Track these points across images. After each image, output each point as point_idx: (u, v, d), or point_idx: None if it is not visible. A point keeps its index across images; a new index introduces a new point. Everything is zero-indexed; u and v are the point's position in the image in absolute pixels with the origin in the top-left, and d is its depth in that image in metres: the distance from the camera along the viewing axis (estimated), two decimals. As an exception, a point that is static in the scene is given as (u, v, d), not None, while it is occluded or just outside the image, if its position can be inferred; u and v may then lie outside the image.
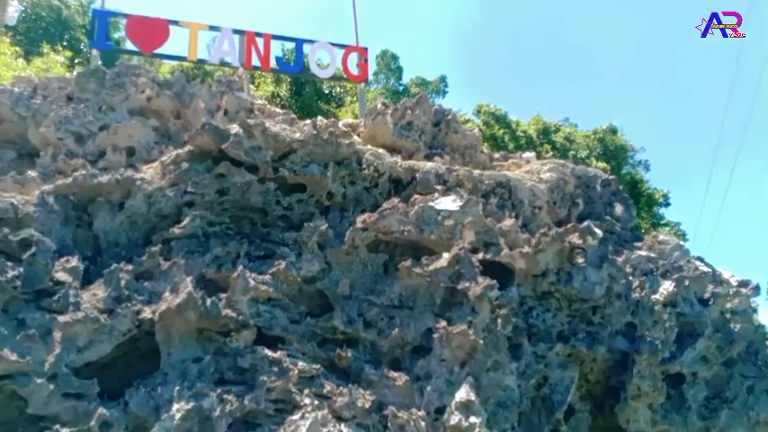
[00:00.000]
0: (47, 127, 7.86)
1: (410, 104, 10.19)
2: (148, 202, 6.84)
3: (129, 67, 8.94)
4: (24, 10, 24.42)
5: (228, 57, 12.86)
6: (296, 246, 7.12)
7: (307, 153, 7.80)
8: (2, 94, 8.18)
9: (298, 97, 28.46)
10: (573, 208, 9.21)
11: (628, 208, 9.79)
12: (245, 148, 7.34)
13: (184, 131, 8.94)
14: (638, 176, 25.49)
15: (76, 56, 23.42)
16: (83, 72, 8.85)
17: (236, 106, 9.32)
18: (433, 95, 31.78)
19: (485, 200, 8.42)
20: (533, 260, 7.43)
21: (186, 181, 7.02)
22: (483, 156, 10.52)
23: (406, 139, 9.74)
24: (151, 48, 12.16)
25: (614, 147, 24.91)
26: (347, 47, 13.75)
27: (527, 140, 24.41)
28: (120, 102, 8.54)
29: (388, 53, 31.72)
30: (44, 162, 7.62)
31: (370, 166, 8.24)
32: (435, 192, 8.11)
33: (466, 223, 7.53)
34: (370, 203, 8.00)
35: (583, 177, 9.66)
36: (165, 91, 8.84)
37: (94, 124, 8.17)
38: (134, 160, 8.11)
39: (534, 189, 8.83)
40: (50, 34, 24.17)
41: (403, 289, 7.04)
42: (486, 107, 26.41)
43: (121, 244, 6.68)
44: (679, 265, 8.67)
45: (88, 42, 13.34)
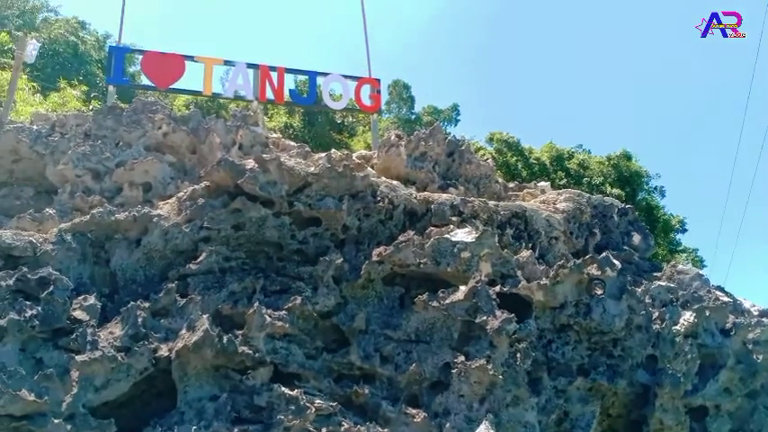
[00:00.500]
0: (64, 164, 7.95)
1: (423, 136, 10.22)
2: (165, 239, 6.86)
3: (145, 103, 9.05)
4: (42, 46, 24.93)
5: (243, 90, 13.04)
6: (311, 280, 7.09)
7: (321, 186, 7.81)
8: (21, 133, 8.30)
9: (311, 128, 28.71)
10: (590, 238, 9.14)
11: (645, 237, 9.69)
12: (260, 183, 7.37)
13: (200, 166, 9.01)
14: (654, 202, 25.32)
15: (92, 90, 23.84)
16: (100, 109, 8.98)
17: (252, 140, 9.39)
18: (446, 124, 31.93)
19: (500, 231, 8.39)
20: (551, 292, 7.34)
21: (202, 216, 7.04)
22: (497, 186, 10.50)
23: (420, 171, 9.74)
24: (167, 83, 12.34)
25: (629, 173, 24.79)
26: (360, 79, 13.89)
27: (540, 168, 24.37)
28: (137, 138, 8.64)
29: (400, 83, 31.98)
30: (62, 199, 7.69)
31: (384, 198, 8.23)
32: (451, 223, 8.08)
33: (482, 255, 7.48)
34: (385, 236, 7.97)
35: (599, 207, 9.59)
36: (180, 127, 8.93)
37: (111, 161, 8.26)
38: (150, 196, 8.17)
39: (550, 219, 8.77)
40: (67, 69, 24.62)
41: (420, 323, 6.98)
42: (499, 135, 26.46)
43: (138, 281, 6.69)
44: (699, 295, 8.54)
45: (105, 78, 13.51)
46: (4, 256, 6.15)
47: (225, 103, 23.41)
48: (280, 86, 13.21)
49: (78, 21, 27.36)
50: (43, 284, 5.83)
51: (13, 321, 5.47)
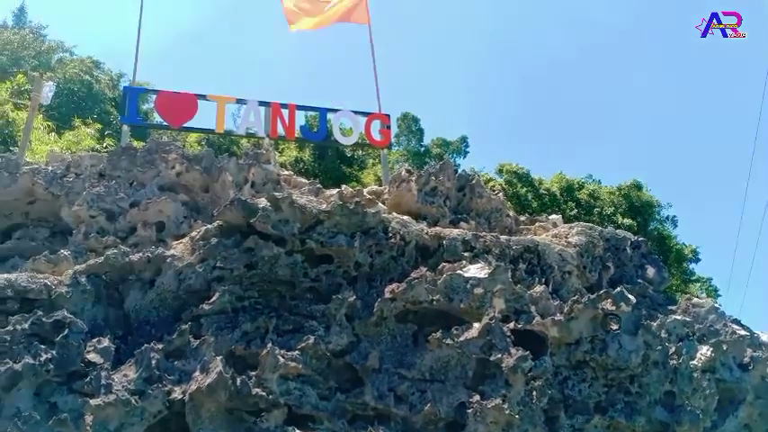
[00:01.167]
0: (79, 205, 8.04)
1: (434, 170, 10.27)
2: (178, 279, 6.89)
3: (159, 143, 9.18)
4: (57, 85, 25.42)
5: (255, 127, 13.19)
6: (324, 318, 7.07)
7: (333, 224, 7.84)
8: (36, 175, 8.43)
9: (321, 161, 28.97)
10: (604, 272, 9.09)
11: (660, 270, 9.62)
12: (272, 222, 7.41)
13: (213, 204, 9.10)
14: (666, 232, 25.23)
15: (106, 128, 24.23)
16: (115, 150, 9.12)
17: (264, 178, 9.48)
18: (455, 155, 32.12)
19: (513, 266, 8.35)
20: (566, 328, 7.27)
21: (215, 256, 7.08)
22: (509, 219, 10.50)
23: (431, 206, 9.78)
24: (180, 122, 12.52)
25: (640, 203, 24.76)
26: (370, 114, 14.01)
27: (551, 199, 24.40)
28: (151, 178, 8.75)
29: (409, 115, 32.29)
30: (76, 240, 7.76)
31: (396, 234, 8.25)
32: (463, 259, 8.07)
33: (495, 291, 7.45)
34: (397, 272, 7.96)
35: (612, 240, 9.55)
36: (194, 166, 9.03)
37: (125, 201, 8.35)
38: (164, 235, 8.24)
39: (563, 254, 8.74)
40: (81, 108, 25.10)
41: (434, 361, 6.93)
42: (509, 166, 26.58)
43: (152, 322, 6.71)
44: (715, 328, 8.44)
45: (119, 118, 13.75)
46: (19, 299, 6.20)
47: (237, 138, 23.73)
48: (291, 123, 13.36)
49: (93, 60, 27.94)
50: (58, 328, 5.86)
51: (28, 366, 5.48)
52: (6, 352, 5.66)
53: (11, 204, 8.41)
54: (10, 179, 8.25)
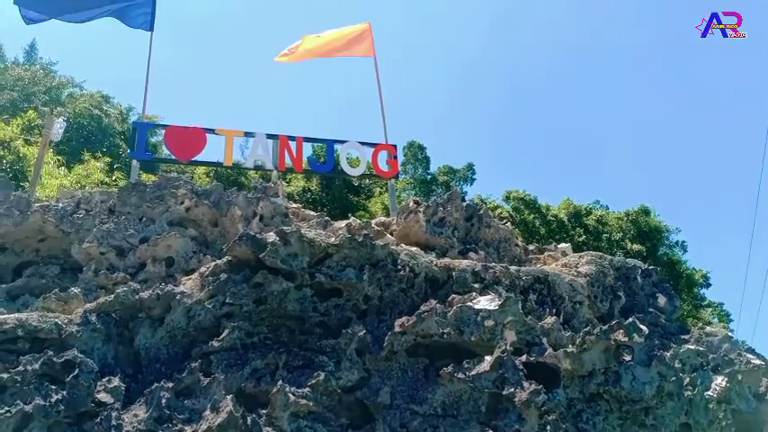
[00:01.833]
0: (89, 243, 8.08)
1: (441, 201, 10.28)
2: (188, 316, 6.88)
3: (168, 179, 9.24)
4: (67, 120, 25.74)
5: (263, 160, 13.26)
6: (334, 353, 7.02)
7: (342, 257, 7.83)
8: (47, 212, 8.49)
9: (328, 191, 29.10)
10: (615, 301, 9.03)
11: (671, 299, 9.55)
12: (281, 256, 7.41)
13: (222, 239, 9.13)
14: (676, 257, 25.08)
15: (115, 161, 24.45)
16: (125, 186, 9.18)
17: (272, 211, 9.51)
18: (461, 183, 32.19)
19: (523, 297, 8.31)
20: (579, 360, 7.20)
21: (224, 292, 7.07)
22: (518, 249, 10.47)
23: (440, 236, 9.77)
24: (189, 156, 12.62)
25: (648, 228, 24.69)
26: (377, 145, 14.08)
27: (558, 225, 24.36)
28: (160, 213, 8.79)
29: (416, 144, 32.47)
30: (86, 277, 7.78)
31: (405, 266, 8.23)
32: (473, 290, 8.04)
33: (506, 323, 7.40)
34: (407, 305, 7.93)
35: (622, 269, 9.51)
36: (203, 200, 9.07)
37: (135, 237, 8.38)
38: (173, 270, 8.25)
39: (573, 284, 8.70)
40: (91, 142, 25.37)
41: (446, 396, 6.85)
42: (516, 192, 26.61)
43: (161, 359, 6.68)
44: (730, 358, 8.34)
45: (129, 153, 13.87)
46: (30, 339, 6.19)
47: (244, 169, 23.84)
48: (298, 155, 13.44)
49: (102, 95, 28.31)
50: (68, 368, 5.84)
51: (38, 407, 5.46)
52: (17, 393, 5.64)
53: (22, 242, 8.47)
54: (21, 217, 8.31)
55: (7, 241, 8.41)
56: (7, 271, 8.41)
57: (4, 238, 8.38)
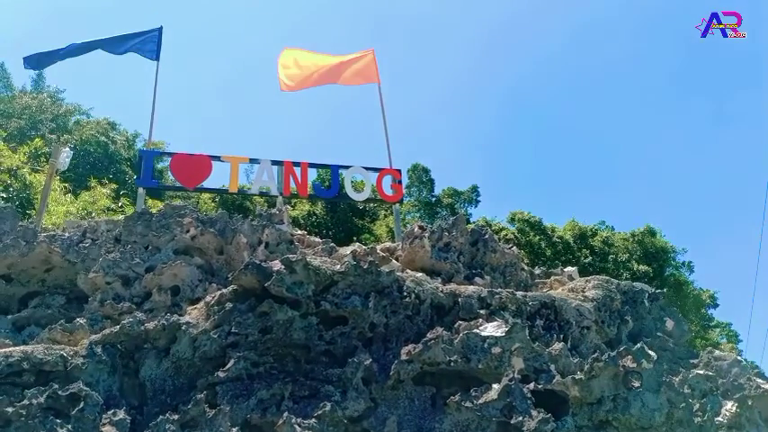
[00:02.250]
0: (95, 272, 8.09)
1: (447, 226, 10.28)
2: (193, 346, 6.86)
3: (174, 208, 9.27)
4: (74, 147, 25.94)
5: (267, 186, 13.30)
6: (340, 383, 6.98)
7: (347, 284, 7.82)
8: (54, 242, 8.51)
9: (333, 214, 29.15)
10: (622, 326, 8.97)
11: (679, 323, 9.49)
12: (287, 285, 7.40)
13: (227, 266, 9.13)
14: (683, 278, 24.94)
15: (121, 187, 24.57)
16: (130, 216, 9.20)
17: (277, 239, 9.50)
18: (466, 205, 32.20)
19: (530, 322, 8.27)
20: (587, 387, 7.14)
21: (230, 322, 7.06)
22: (524, 273, 10.43)
23: (445, 262, 9.75)
24: (194, 183, 12.70)
25: (654, 249, 24.59)
26: (381, 170, 14.12)
27: (564, 247, 24.29)
28: (166, 242, 8.81)
29: (420, 166, 32.55)
30: (92, 307, 7.78)
31: (411, 293, 8.21)
32: (479, 317, 8.01)
33: (514, 350, 7.36)
34: (413, 332, 7.89)
35: (629, 293, 9.46)
36: (208, 229, 9.09)
37: (141, 266, 8.39)
38: (179, 299, 8.24)
39: (581, 309, 8.65)
40: (97, 168, 25.55)
41: (453, 425, 6.80)
42: (521, 214, 26.59)
43: (167, 390, 6.65)
44: (739, 383, 8.26)
45: (135, 181, 13.95)
46: (35, 372, 6.17)
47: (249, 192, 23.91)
48: (303, 181, 13.50)
49: (109, 122, 28.55)
50: (74, 401, 5.82)
51: (43, 441, 5.44)
52: (22, 427, 5.63)
53: (28, 272, 8.48)
54: (27, 248, 8.33)
55: (13, 272, 8.42)
56: (13, 301, 8.42)
57: (10, 269, 8.40)
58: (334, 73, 14.98)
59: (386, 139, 14.67)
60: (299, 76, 15.00)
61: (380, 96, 15.03)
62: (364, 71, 14.96)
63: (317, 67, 14.96)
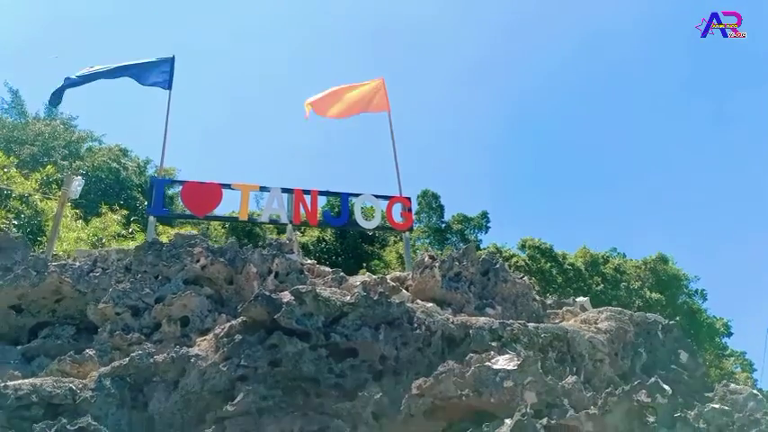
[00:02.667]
0: (105, 303, 8.08)
1: (457, 255, 10.25)
2: (202, 379, 6.81)
3: (185, 237, 9.28)
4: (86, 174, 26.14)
5: (278, 214, 13.31)
6: (350, 417, 6.90)
7: (358, 316, 7.77)
8: (64, 272, 8.53)
9: (342, 240, 29.12)
10: (636, 358, 8.85)
11: (693, 355, 9.35)
12: (296, 317, 7.37)
13: (237, 296, 9.10)
14: (696, 306, 24.66)
15: (132, 213, 24.67)
16: (141, 245, 9.21)
17: (287, 268, 9.48)
18: (476, 231, 32.12)
19: (543, 354, 8.17)
20: (601, 423, 7.00)
21: (239, 354, 7.01)
22: (535, 304, 10.34)
23: (456, 292, 9.70)
24: (205, 211, 12.74)
25: (667, 276, 24.36)
26: (391, 198, 14.11)
27: (575, 274, 24.12)
28: (176, 272, 8.80)
29: (429, 192, 32.55)
30: (101, 338, 7.75)
31: (421, 324, 8.14)
32: (491, 349, 7.92)
33: (526, 384, 7.24)
34: (423, 365, 7.81)
35: (642, 324, 9.35)
36: (218, 258, 9.09)
37: (151, 296, 8.38)
38: (188, 330, 8.21)
39: (593, 341, 8.54)
40: (109, 195, 25.66)
41: (465, 461, 6.68)
42: (531, 241, 26.47)
43: (175, 425, 6.59)
44: (756, 417, 8.06)
45: (146, 210, 14.00)
46: (44, 405, 6.15)
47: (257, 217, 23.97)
48: (313, 209, 13.50)
49: (120, 148, 28.76)
50: (82, 435, 5.77)
51: (50, 477, 5.39)
52: (30, 462, 5.58)
53: (38, 303, 8.49)
54: (38, 278, 8.35)
55: (24, 302, 8.43)
56: (23, 332, 8.41)
57: (20, 299, 8.41)
58: (350, 106, 15.10)
59: (396, 166, 14.71)
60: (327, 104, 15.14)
61: (390, 124, 15.11)
62: (375, 100, 15.06)
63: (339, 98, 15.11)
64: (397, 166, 14.72)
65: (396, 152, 14.85)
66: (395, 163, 14.77)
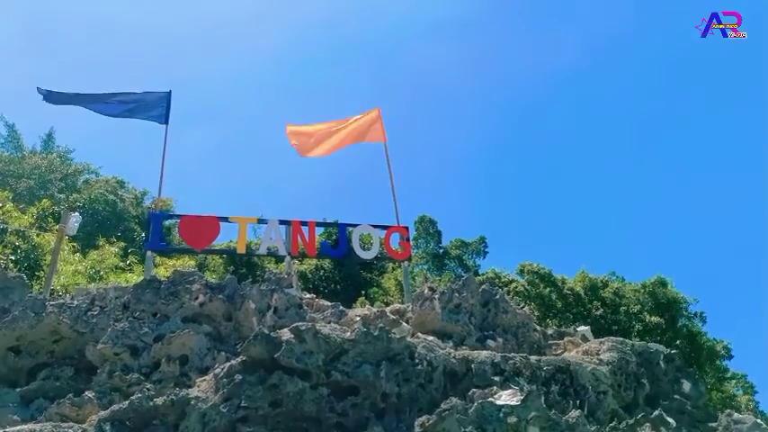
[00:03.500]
0: (104, 344, 8.01)
1: (457, 287, 10.21)
2: (203, 422, 6.72)
3: (183, 275, 9.25)
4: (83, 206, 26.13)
5: (275, 246, 13.27)
6: (353, 457, 6.82)
7: (358, 353, 7.73)
8: (62, 313, 8.47)
9: (341, 268, 29.04)
10: (639, 389, 8.79)
11: (696, 384, 9.31)
12: (296, 355, 7.32)
13: (236, 333, 9.05)
14: (696, 329, 24.57)
15: (129, 245, 24.63)
16: (139, 283, 9.17)
17: (286, 303, 9.43)
18: (474, 256, 32.08)
19: (545, 388, 8.12)
20: (606, 458, 6.95)
21: (239, 395, 6.94)
22: (536, 334, 10.30)
23: (456, 324, 9.66)
24: (203, 245, 12.69)
25: (666, 300, 24.30)
26: (389, 227, 14.08)
27: (575, 298, 24.06)
28: (175, 310, 8.76)
29: (426, 218, 32.58)
30: (100, 380, 7.67)
31: (423, 360, 8.09)
32: (493, 383, 7.87)
33: (530, 419, 7.18)
34: (426, 401, 7.75)
35: (644, 354, 9.31)
36: (217, 295, 9.05)
37: (149, 335, 8.32)
38: (187, 369, 8.13)
39: (596, 372, 8.49)
40: (106, 227, 25.67)
41: (470, 501, 6.59)
42: (530, 266, 26.42)
43: (175, 470, 6.50)
44: (762, 447, 8.03)
45: (143, 244, 13.95)
46: (42, 453, 6.06)
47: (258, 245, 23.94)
48: (311, 240, 13.46)
49: (117, 180, 28.84)
50: (81, 485, 5.69)
51: None
52: None
53: (36, 344, 8.40)
54: (36, 319, 8.29)
55: (22, 344, 8.35)
56: (22, 374, 8.32)
57: (19, 341, 8.33)
58: (345, 137, 15.14)
59: (393, 196, 14.69)
60: (314, 143, 15.15)
61: (386, 154, 15.13)
62: (370, 130, 15.11)
63: (329, 134, 15.14)
64: (395, 195, 14.72)
65: (393, 182, 14.85)
66: (392, 192, 14.77)
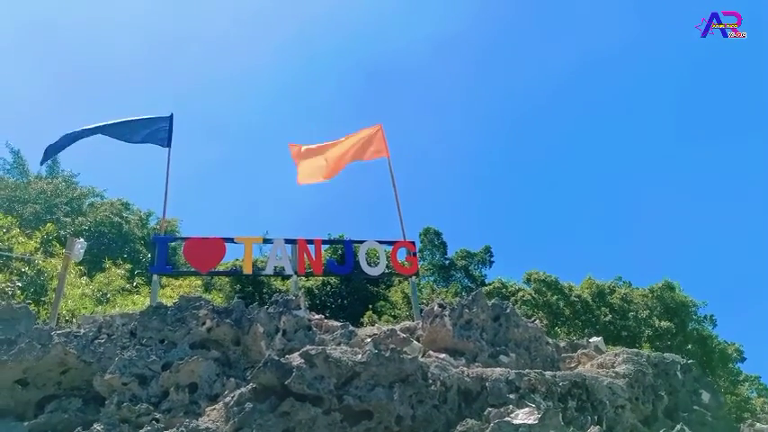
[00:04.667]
0: (111, 374, 7.89)
1: (467, 303, 10.08)
2: (215, 454, 6.60)
3: (189, 300, 9.14)
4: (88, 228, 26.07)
5: (282, 265, 13.15)
6: (369, 484, 6.67)
7: (370, 375, 7.59)
8: (69, 343, 8.36)
9: (348, 283, 28.88)
10: (657, 402, 8.63)
11: (714, 394, 9.14)
12: (307, 381, 7.19)
13: (244, 357, 8.92)
14: (706, 332, 24.32)
15: (136, 266, 24.53)
16: (146, 311, 9.06)
17: (294, 325, 9.31)
18: (480, 266, 31.92)
19: (562, 404, 7.97)
20: (628, 477, 6.79)
21: (251, 424, 6.81)
22: (549, 348, 10.15)
23: (468, 340, 9.53)
24: (209, 267, 12.56)
25: (675, 304, 24.07)
26: (395, 243, 13.94)
27: (583, 305, 23.85)
28: (182, 336, 8.64)
29: (431, 230, 32.46)
30: (109, 411, 7.53)
31: (436, 380, 7.95)
32: (508, 402, 7.73)
33: (547, 438, 7.04)
34: (441, 422, 7.61)
35: (660, 365, 9.15)
36: (224, 320, 8.94)
37: (157, 363, 8.20)
38: (196, 397, 8.00)
39: (613, 386, 8.34)
40: (111, 249, 25.57)
41: None
42: (536, 274, 26.24)
43: (188, 504, 6.36)
44: (787, 459, 7.85)
45: (149, 269, 13.81)
46: (52, 491, 5.93)
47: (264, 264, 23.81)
48: (317, 258, 13.31)
49: (122, 202, 28.79)
50: None
51: None
52: None
53: (44, 375, 8.29)
54: (42, 351, 8.18)
55: (29, 375, 8.24)
56: (30, 406, 8.19)
57: (26, 373, 8.22)
58: (346, 157, 15.04)
59: (398, 210, 14.56)
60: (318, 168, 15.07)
61: (391, 170, 15.01)
62: (374, 147, 15.01)
63: (333, 157, 15.05)
64: (400, 210, 14.59)
65: (397, 197, 14.73)
66: (397, 207, 14.64)
